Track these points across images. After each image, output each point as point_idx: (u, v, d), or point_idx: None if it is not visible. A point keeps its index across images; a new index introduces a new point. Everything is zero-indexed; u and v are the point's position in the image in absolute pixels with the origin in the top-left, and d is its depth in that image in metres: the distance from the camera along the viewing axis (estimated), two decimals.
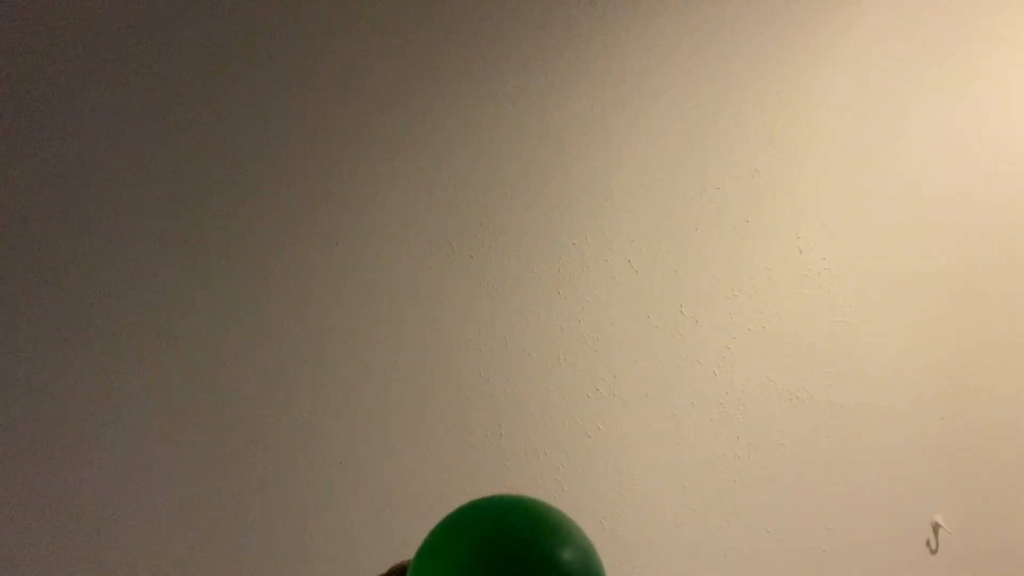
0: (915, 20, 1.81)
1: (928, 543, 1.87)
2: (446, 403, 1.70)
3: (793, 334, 1.80)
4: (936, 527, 1.86)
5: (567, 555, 0.74)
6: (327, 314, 1.67)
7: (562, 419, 1.75)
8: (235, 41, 1.64)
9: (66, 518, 1.62)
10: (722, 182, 1.78)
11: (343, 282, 1.68)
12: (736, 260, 1.78)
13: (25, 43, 1.58)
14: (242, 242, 1.65)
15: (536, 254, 1.73)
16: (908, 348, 1.84)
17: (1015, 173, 1.86)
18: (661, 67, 1.76)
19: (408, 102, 1.69)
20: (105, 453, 1.62)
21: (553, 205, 1.73)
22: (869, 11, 1.80)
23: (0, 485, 1.60)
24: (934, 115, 1.83)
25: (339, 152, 1.68)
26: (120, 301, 1.62)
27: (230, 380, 1.65)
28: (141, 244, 1.63)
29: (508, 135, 1.72)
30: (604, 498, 1.77)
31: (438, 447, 1.71)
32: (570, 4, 1.72)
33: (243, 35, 1.64)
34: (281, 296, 1.66)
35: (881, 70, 1.81)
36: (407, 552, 1.45)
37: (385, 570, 0.94)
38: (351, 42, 1.67)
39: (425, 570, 0.74)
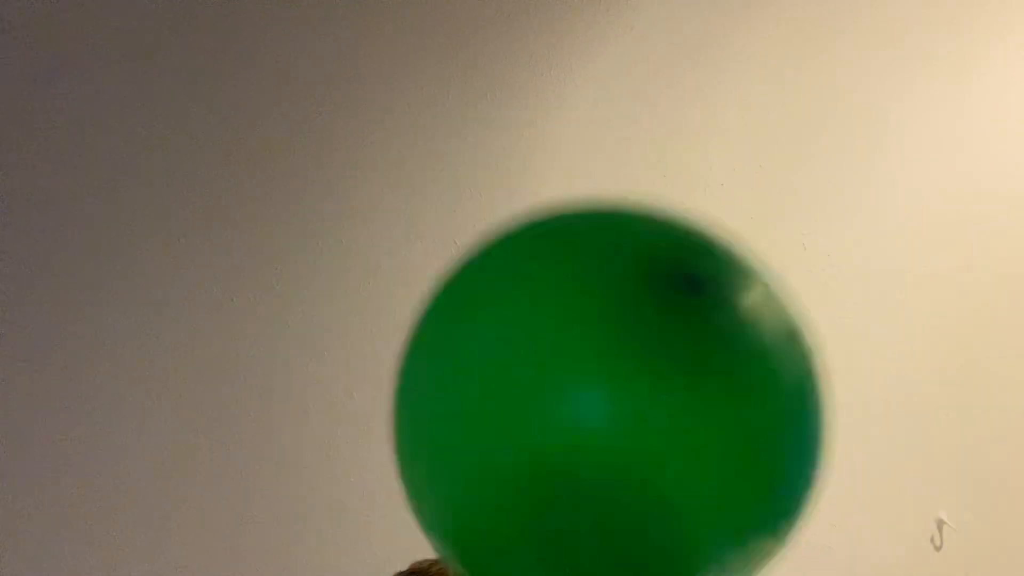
0: (921, 13, 1.82)
1: (932, 540, 1.87)
2: None
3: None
4: (940, 524, 1.86)
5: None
6: (329, 311, 1.66)
7: None
8: (235, 36, 1.63)
9: (66, 518, 1.60)
10: (726, 179, 1.77)
11: (345, 279, 1.67)
12: None
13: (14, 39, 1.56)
14: (243, 240, 1.65)
15: None
16: (913, 344, 1.84)
17: None
18: (664, 63, 1.76)
19: (410, 98, 1.69)
20: (105, 452, 1.61)
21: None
22: (875, 4, 1.80)
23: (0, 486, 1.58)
24: (942, 112, 1.83)
25: (340, 149, 1.67)
26: (118, 300, 1.61)
27: (231, 378, 1.64)
28: (141, 242, 1.62)
29: (511, 132, 1.72)
30: None
31: None
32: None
33: (243, 30, 1.63)
34: (283, 294, 1.65)
35: (888, 65, 1.81)
36: (418, 550, 1.43)
37: (405, 568, 0.93)
38: (353, 37, 1.66)
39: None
